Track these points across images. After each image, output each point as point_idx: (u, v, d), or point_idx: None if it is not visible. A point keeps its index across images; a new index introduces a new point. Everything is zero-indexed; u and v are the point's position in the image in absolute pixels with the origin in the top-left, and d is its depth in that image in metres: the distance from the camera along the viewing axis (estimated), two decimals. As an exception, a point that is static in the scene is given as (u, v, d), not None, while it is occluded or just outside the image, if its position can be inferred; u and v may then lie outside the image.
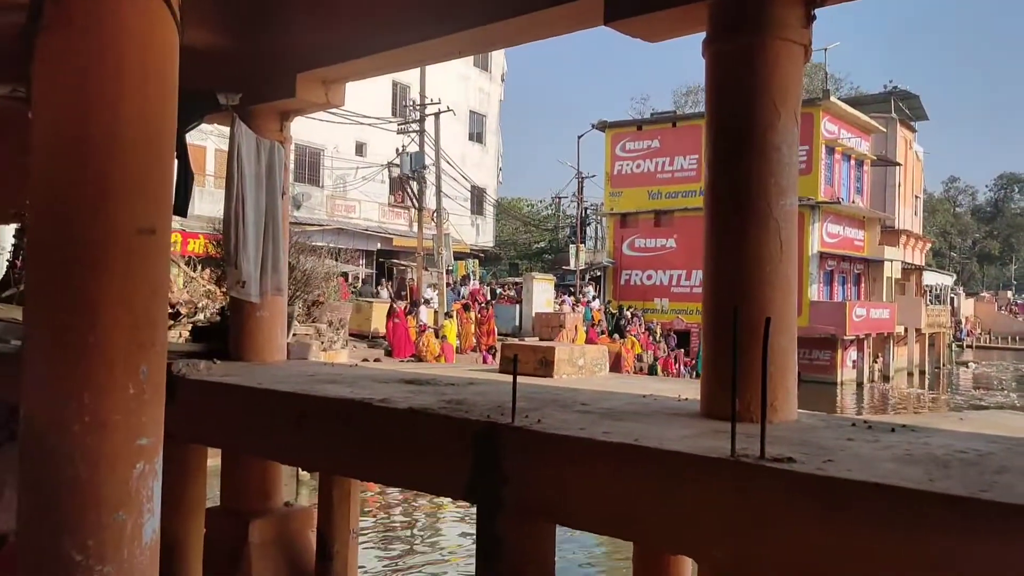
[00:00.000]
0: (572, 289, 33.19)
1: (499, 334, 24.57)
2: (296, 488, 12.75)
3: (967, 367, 46.43)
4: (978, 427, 4.09)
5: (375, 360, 18.38)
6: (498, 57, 39.00)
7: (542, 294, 28.44)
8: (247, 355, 6.89)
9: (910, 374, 39.18)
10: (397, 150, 28.00)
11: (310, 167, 29.93)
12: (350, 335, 21.29)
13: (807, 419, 4.24)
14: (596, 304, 31.00)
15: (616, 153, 37.26)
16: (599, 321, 27.81)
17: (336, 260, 22.37)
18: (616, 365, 23.21)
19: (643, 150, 36.65)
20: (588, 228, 39.26)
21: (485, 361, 20.38)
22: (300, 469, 10.53)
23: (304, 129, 25.32)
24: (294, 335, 10.15)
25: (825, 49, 37.49)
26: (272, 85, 6.78)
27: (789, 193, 4.19)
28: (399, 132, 28.24)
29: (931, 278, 47.46)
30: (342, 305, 20.29)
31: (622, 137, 37.31)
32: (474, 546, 4.07)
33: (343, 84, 7.03)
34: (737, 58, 4.23)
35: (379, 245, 31.75)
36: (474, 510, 4.07)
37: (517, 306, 28.22)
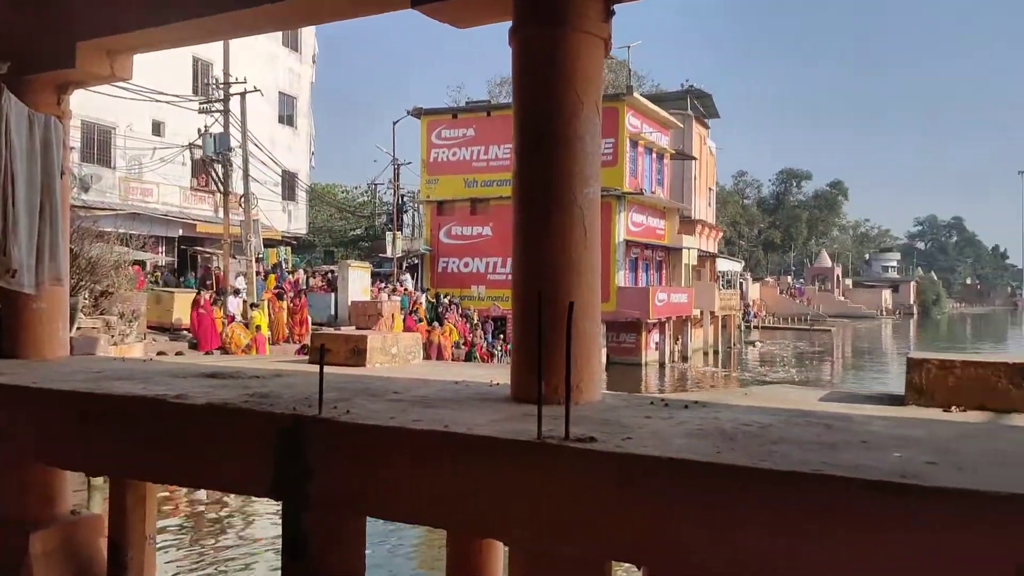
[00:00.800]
0: (389, 277, 32.86)
1: (314, 323, 23.87)
2: (88, 494, 11.75)
3: (754, 346, 50.76)
4: (761, 401, 4.44)
5: (176, 354, 17.32)
6: (308, 38, 37.68)
7: (358, 282, 27.95)
8: (23, 352, 6.26)
9: (705, 354, 42.36)
10: (199, 131, 26.31)
11: (99, 146, 27.43)
12: (149, 327, 19.91)
13: (610, 399, 4.41)
14: (422, 296, 30.85)
15: (432, 140, 37.25)
16: (417, 309, 27.74)
17: (128, 246, 20.74)
18: (434, 353, 23.28)
19: (459, 138, 36.89)
20: (405, 215, 39.05)
21: (300, 352, 19.71)
22: (86, 475, 9.69)
23: (92, 104, 23.15)
24: (78, 329, 9.34)
25: (628, 47, 39.51)
26: (48, 54, 6.14)
27: (592, 182, 4.32)
28: (201, 111, 26.52)
29: (723, 265, 51.29)
30: (136, 295, 18.85)
31: (438, 124, 37.34)
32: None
33: (131, 56, 6.49)
34: (540, 48, 4.31)
35: (181, 231, 29.78)
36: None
37: (332, 295, 27.56)
